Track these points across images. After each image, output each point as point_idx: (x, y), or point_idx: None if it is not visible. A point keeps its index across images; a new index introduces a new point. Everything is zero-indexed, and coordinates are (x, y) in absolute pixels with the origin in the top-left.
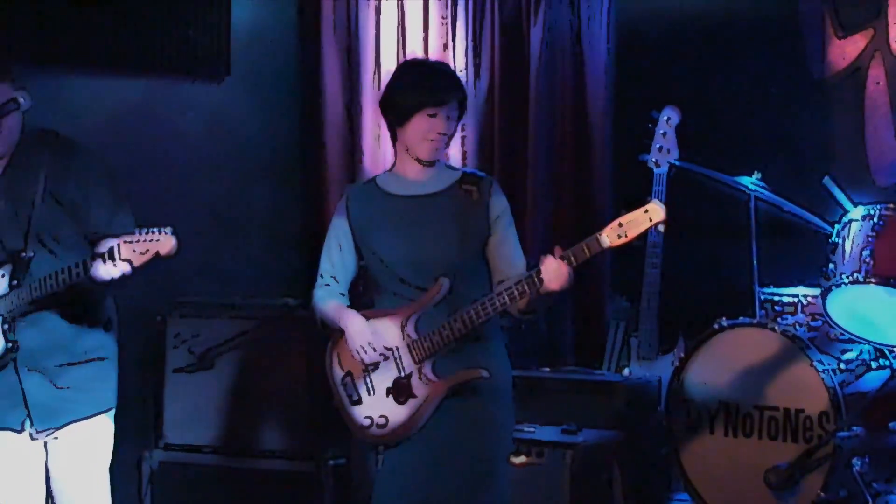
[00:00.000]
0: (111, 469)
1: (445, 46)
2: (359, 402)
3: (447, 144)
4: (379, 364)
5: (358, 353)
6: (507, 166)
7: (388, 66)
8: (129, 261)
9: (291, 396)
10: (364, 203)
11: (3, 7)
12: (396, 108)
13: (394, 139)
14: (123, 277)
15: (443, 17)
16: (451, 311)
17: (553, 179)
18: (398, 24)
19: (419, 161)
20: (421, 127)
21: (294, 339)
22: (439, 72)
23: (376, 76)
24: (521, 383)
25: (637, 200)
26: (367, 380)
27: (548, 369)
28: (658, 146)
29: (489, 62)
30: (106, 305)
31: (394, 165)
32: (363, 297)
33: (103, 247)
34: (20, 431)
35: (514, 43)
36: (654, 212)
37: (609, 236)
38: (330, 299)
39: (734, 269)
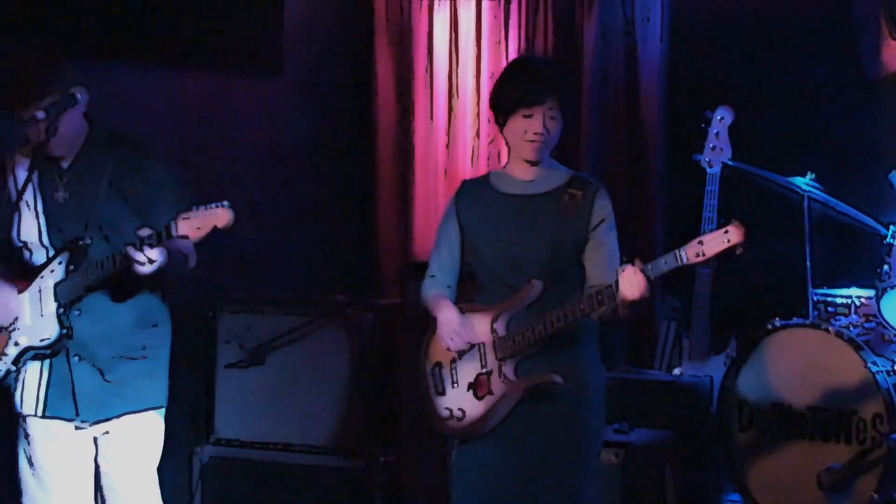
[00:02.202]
0: (162, 463)
1: (498, 44)
2: (443, 393)
3: (550, 144)
4: (465, 357)
5: (444, 340)
6: None
7: (441, 63)
8: (185, 237)
9: (342, 392)
10: (474, 198)
11: (61, 4)
12: (497, 108)
13: (506, 139)
14: (158, 268)
15: (495, 15)
16: (541, 313)
17: (605, 179)
18: (450, 21)
19: (525, 161)
20: (518, 127)
21: (345, 336)
22: (536, 70)
23: (428, 73)
24: None
25: (690, 200)
26: (453, 372)
27: None
28: (711, 146)
29: None
30: (160, 303)
31: (507, 164)
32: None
33: (159, 226)
34: (70, 421)
35: (568, 40)
36: (733, 233)
37: (688, 254)
38: (432, 289)
39: (787, 270)
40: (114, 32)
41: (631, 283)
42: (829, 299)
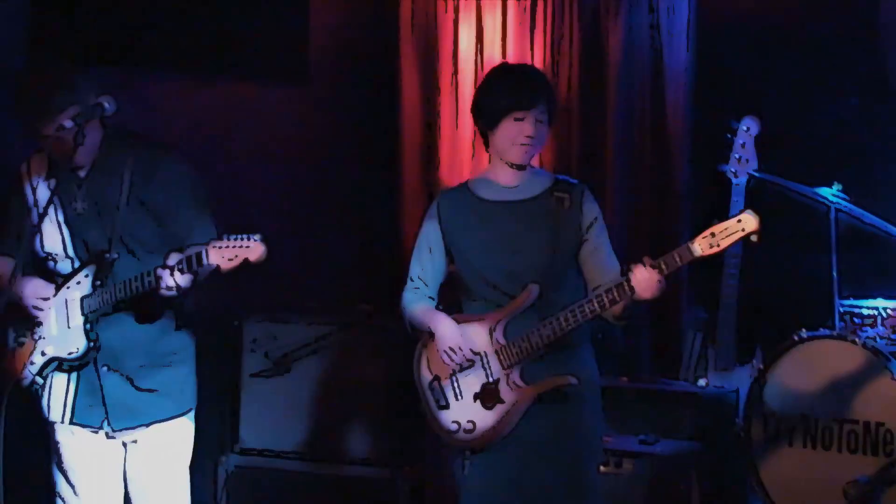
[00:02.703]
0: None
1: (524, 52)
2: (446, 406)
3: (538, 148)
4: (467, 368)
5: (447, 355)
6: (585, 173)
7: (467, 70)
8: (218, 266)
9: (367, 402)
10: (456, 207)
11: (86, 10)
12: (485, 112)
13: (486, 144)
14: (185, 290)
15: (521, 22)
16: (540, 317)
17: (631, 187)
18: (476, 29)
19: (511, 166)
20: (509, 131)
21: (370, 345)
22: (527, 76)
23: (454, 81)
24: None
25: (716, 211)
26: (455, 384)
27: (625, 379)
28: (737, 156)
29: (567, 67)
30: (186, 307)
31: (487, 170)
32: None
33: (190, 251)
34: (97, 430)
35: (594, 48)
36: (747, 222)
37: (701, 245)
38: (419, 302)
39: (813, 281)
40: (141, 41)
41: (648, 281)
42: (856, 310)
